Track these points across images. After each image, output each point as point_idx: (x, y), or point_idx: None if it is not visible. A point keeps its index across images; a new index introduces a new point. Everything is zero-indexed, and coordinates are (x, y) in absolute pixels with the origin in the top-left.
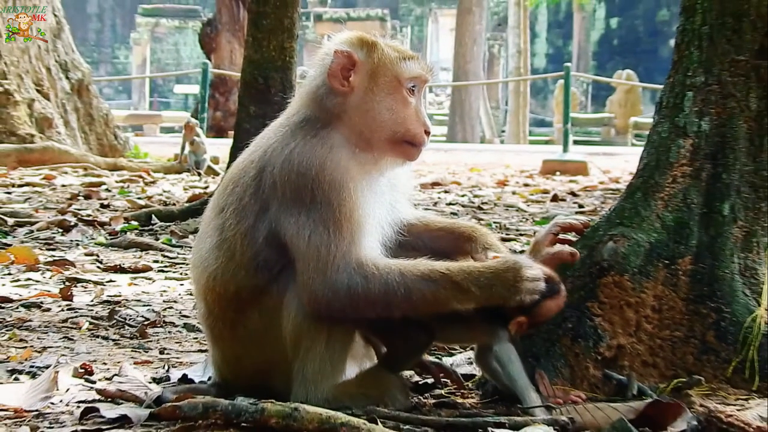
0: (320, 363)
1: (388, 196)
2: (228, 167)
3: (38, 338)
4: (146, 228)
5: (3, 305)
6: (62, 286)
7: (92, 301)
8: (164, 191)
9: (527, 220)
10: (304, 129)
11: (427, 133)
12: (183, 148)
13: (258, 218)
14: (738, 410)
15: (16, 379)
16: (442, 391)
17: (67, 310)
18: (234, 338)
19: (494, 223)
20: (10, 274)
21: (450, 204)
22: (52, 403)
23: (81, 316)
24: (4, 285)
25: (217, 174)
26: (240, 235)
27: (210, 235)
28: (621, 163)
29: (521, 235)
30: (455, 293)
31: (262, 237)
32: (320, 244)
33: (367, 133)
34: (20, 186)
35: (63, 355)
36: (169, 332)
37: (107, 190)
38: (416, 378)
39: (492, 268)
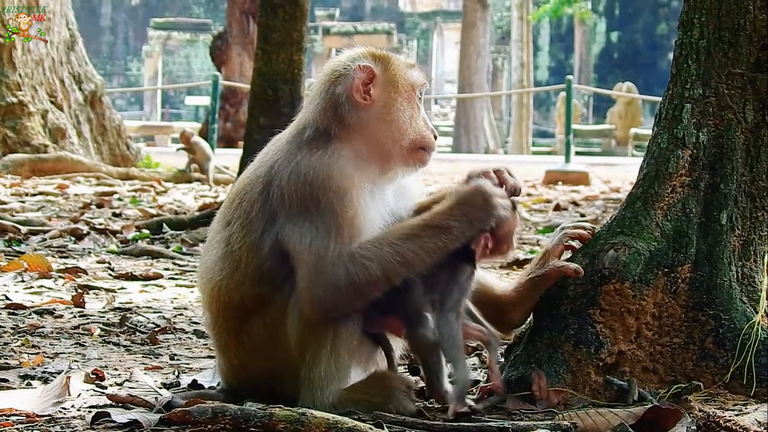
0: (326, 368)
1: (394, 206)
2: (238, 176)
3: (50, 344)
4: (157, 236)
5: (16, 312)
6: (74, 293)
7: (104, 307)
8: (175, 200)
9: (530, 228)
10: (312, 143)
11: (435, 137)
12: (189, 164)
13: (265, 231)
14: (736, 415)
15: (29, 384)
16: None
17: (79, 316)
18: (239, 347)
19: None
20: (23, 281)
21: None
22: (64, 408)
23: (93, 322)
24: (17, 292)
25: (227, 183)
26: (246, 247)
27: (216, 247)
28: (621, 173)
29: (524, 243)
30: (441, 236)
31: (267, 248)
32: (320, 248)
33: (388, 144)
34: (34, 195)
35: (75, 360)
36: (179, 338)
37: (119, 199)
38: (422, 384)
39: (459, 199)
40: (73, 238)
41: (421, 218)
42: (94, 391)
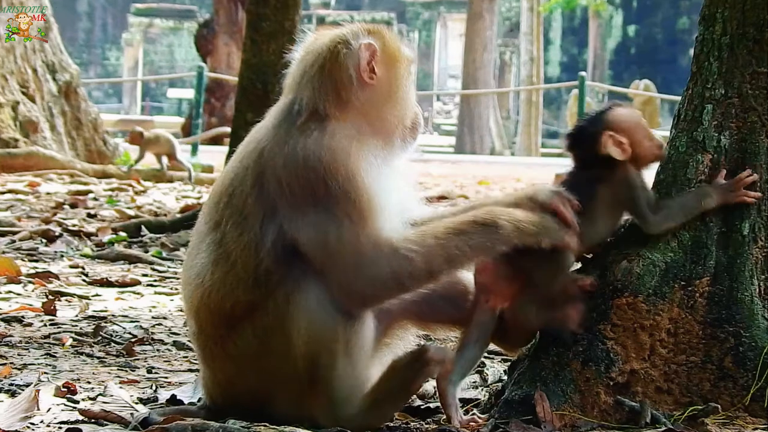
0: (345, 378)
1: (400, 184)
2: None
3: (19, 354)
4: (135, 240)
5: None
6: (45, 299)
7: (77, 316)
8: (155, 201)
9: None
10: (305, 126)
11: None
12: (160, 160)
13: (263, 226)
14: None
15: None
16: (444, 416)
17: (50, 325)
18: (226, 358)
19: None
20: None
21: None
22: (33, 424)
23: (64, 331)
24: None
25: (212, 183)
26: (243, 247)
27: (205, 251)
28: None
29: None
30: (489, 234)
31: (268, 244)
32: (351, 238)
33: (393, 121)
34: (2, 193)
35: (45, 372)
36: (157, 350)
37: (95, 198)
38: (418, 402)
39: (511, 196)
40: (44, 241)
41: (472, 214)
42: (65, 405)
